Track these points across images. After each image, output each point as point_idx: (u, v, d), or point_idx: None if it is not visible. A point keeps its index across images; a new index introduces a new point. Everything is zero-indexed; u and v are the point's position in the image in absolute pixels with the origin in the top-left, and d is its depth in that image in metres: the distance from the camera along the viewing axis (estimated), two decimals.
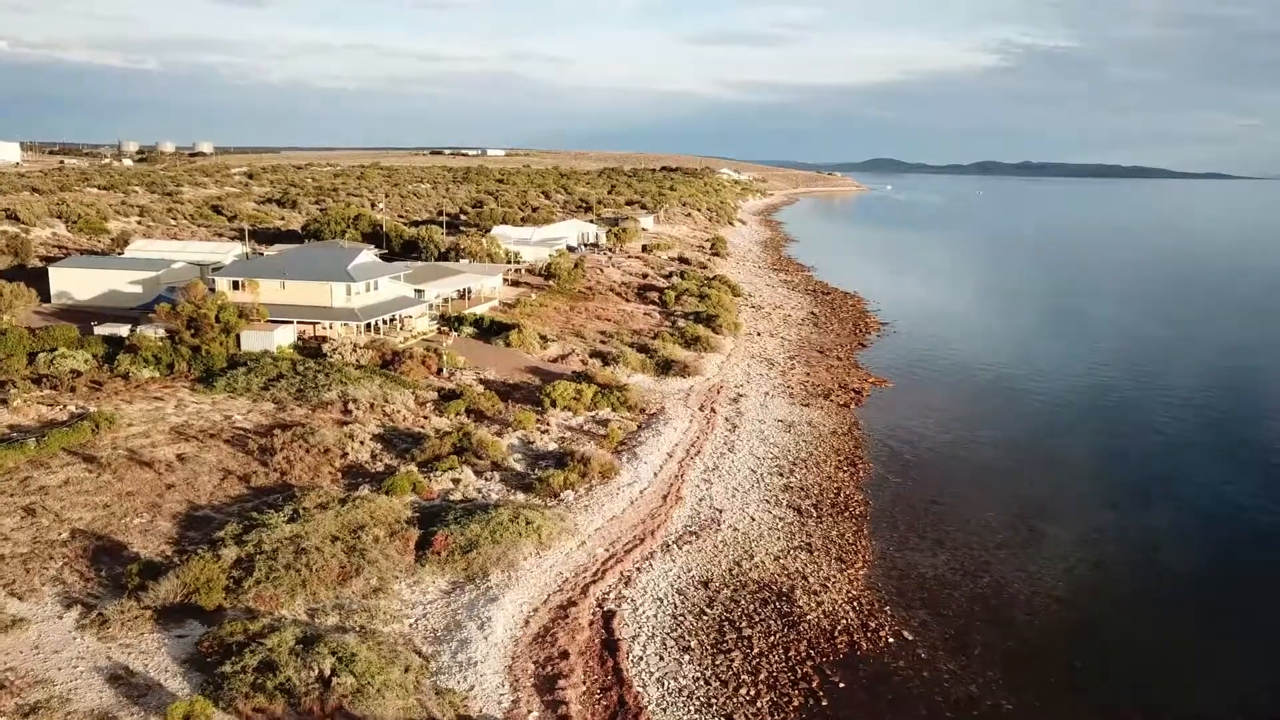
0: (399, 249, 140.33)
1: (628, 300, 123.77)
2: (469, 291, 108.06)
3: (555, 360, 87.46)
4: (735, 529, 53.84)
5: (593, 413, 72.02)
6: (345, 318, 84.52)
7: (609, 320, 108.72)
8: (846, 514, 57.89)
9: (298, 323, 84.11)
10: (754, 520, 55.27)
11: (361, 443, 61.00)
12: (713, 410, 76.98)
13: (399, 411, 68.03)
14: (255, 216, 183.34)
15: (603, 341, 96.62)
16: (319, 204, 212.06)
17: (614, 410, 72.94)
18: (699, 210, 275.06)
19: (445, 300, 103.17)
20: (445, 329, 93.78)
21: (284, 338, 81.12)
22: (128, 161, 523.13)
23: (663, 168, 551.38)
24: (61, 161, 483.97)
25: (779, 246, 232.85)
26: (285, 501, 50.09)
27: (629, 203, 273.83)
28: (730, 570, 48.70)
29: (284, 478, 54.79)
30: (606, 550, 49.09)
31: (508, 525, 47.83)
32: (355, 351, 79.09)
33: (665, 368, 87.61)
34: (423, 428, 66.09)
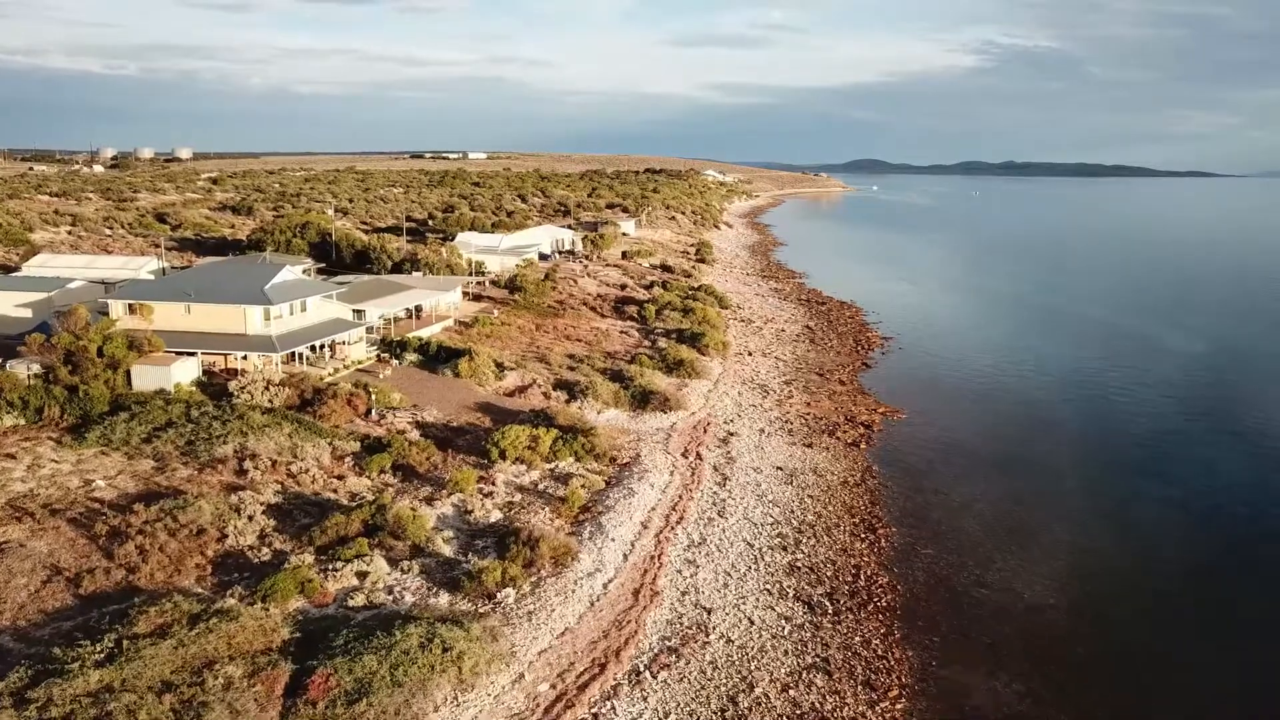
0: (351, 260, 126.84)
1: (603, 315, 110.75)
2: (419, 310, 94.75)
3: (513, 393, 74.32)
4: (729, 639, 40.79)
5: (552, 465, 58.87)
6: (262, 347, 71.16)
7: (580, 341, 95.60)
8: (871, 607, 44.96)
9: (202, 354, 70.72)
10: (753, 623, 42.24)
11: (250, 518, 47.68)
12: (698, 456, 63.98)
13: (308, 470, 54.73)
14: (203, 225, 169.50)
15: (571, 368, 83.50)
16: (277, 211, 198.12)
17: (578, 460, 59.83)
18: (683, 213, 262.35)
19: (390, 321, 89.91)
20: (386, 356, 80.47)
21: (185, 373, 67.70)
22: (98, 168, 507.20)
23: (647, 170, 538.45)
24: (30, 168, 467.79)
25: (767, 251, 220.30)
26: (114, 622, 36.76)
27: (610, 206, 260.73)
28: (723, 712, 35.62)
29: (131, 577, 41.45)
30: (553, 686, 35.96)
31: (416, 655, 34.66)
32: (268, 389, 65.72)
33: (643, 400, 74.57)
34: (335, 492, 52.85)
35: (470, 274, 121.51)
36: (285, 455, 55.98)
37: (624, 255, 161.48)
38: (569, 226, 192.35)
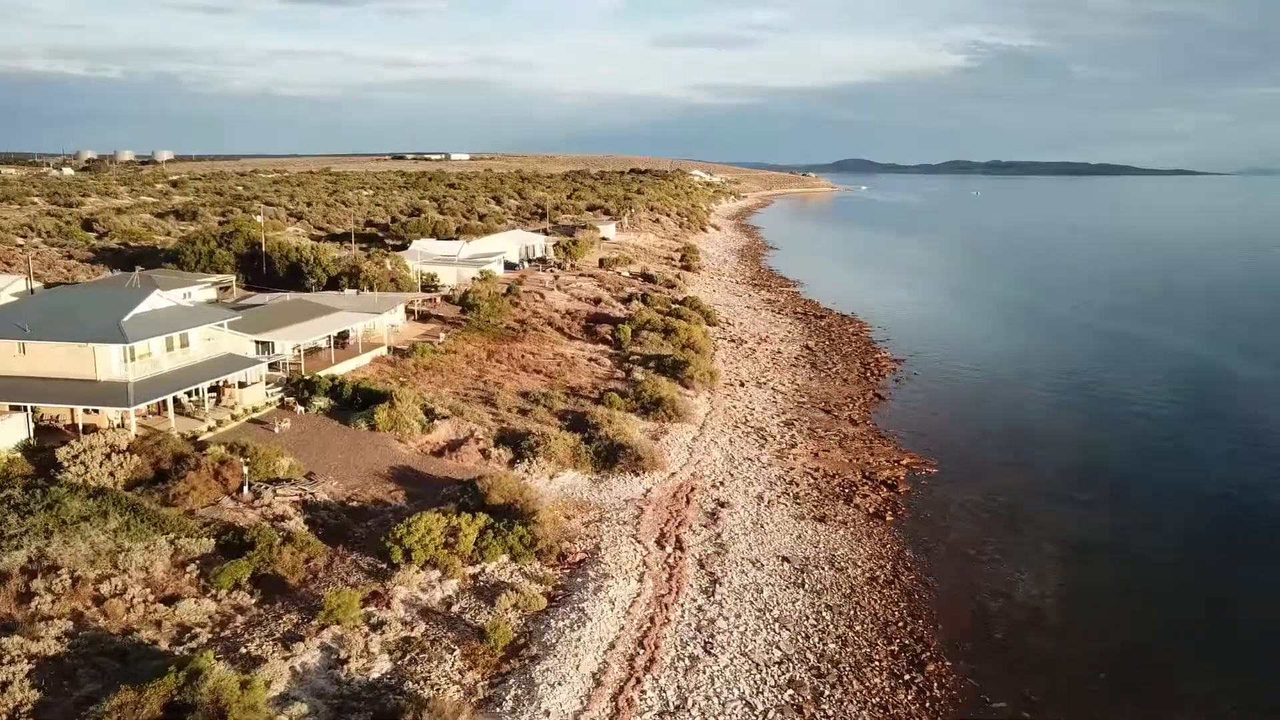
0: (284, 273, 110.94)
1: (571, 337, 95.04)
2: (344, 337, 78.93)
3: (442, 451, 58.53)
4: None
5: (476, 569, 43.20)
6: (116, 398, 55.21)
7: (539, 372, 79.90)
8: None
9: (39, 408, 54.80)
10: None
11: (3, 687, 31.90)
12: (678, 545, 48.37)
13: (126, 590, 38.89)
14: (133, 232, 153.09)
15: (523, 410, 67.81)
16: (225, 216, 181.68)
17: (514, 560, 44.18)
18: (668, 215, 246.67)
19: (307, 351, 74.08)
20: (291, 401, 64.62)
21: (6, 436, 51.77)
22: (68, 171, 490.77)
23: (631, 170, 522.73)
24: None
25: (757, 256, 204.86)
26: None
27: (591, 208, 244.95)
28: None
29: None
30: None
31: None
32: (110, 458, 49.85)
33: (609, 458, 58.88)
34: (158, 626, 37.08)
35: (419, 288, 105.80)
36: (101, 565, 40.17)
37: (601, 263, 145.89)
38: (544, 231, 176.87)
